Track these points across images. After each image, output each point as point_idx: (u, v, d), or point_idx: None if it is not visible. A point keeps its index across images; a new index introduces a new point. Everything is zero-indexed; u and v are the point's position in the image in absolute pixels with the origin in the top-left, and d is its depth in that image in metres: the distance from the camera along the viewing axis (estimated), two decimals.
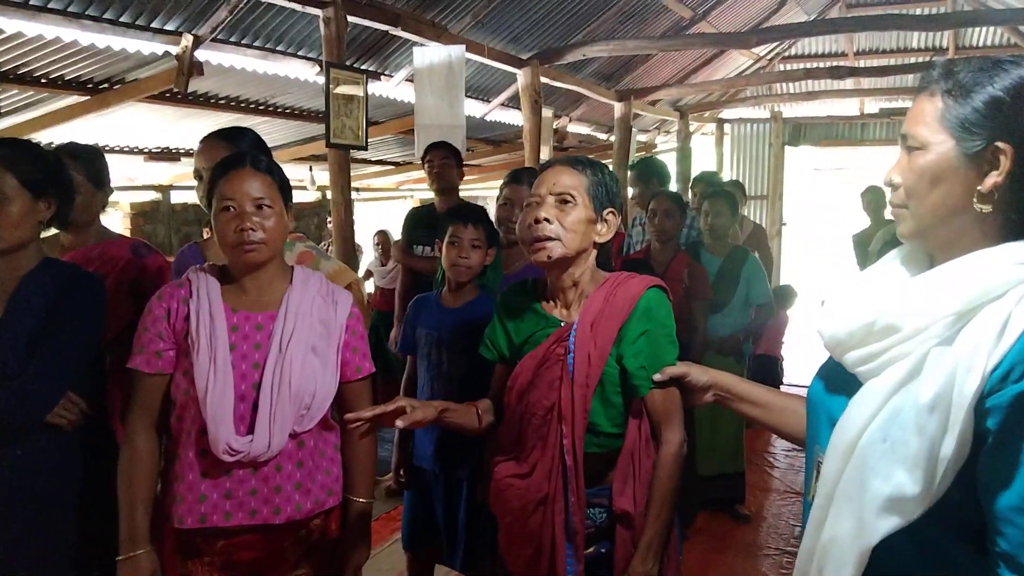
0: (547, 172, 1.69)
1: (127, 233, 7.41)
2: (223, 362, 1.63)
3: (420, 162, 4.01)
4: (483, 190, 10.98)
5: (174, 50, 4.24)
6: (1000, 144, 1.01)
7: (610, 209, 1.68)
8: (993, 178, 1.02)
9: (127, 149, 6.33)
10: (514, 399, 1.69)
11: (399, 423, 1.55)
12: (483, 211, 2.57)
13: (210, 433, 1.61)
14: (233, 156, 1.73)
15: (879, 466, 1.03)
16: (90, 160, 2.39)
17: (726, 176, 10.39)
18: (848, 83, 9.27)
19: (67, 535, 1.86)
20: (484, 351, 1.83)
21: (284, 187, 1.74)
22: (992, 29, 8.24)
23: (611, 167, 7.40)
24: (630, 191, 4.90)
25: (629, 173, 4.84)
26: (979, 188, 1.03)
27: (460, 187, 4.16)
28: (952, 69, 1.07)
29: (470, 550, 2.47)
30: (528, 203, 1.68)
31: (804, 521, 1.20)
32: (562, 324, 1.68)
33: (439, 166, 3.86)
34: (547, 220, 1.61)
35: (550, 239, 1.61)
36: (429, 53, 4.98)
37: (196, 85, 5.01)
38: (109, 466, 1.70)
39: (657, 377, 1.60)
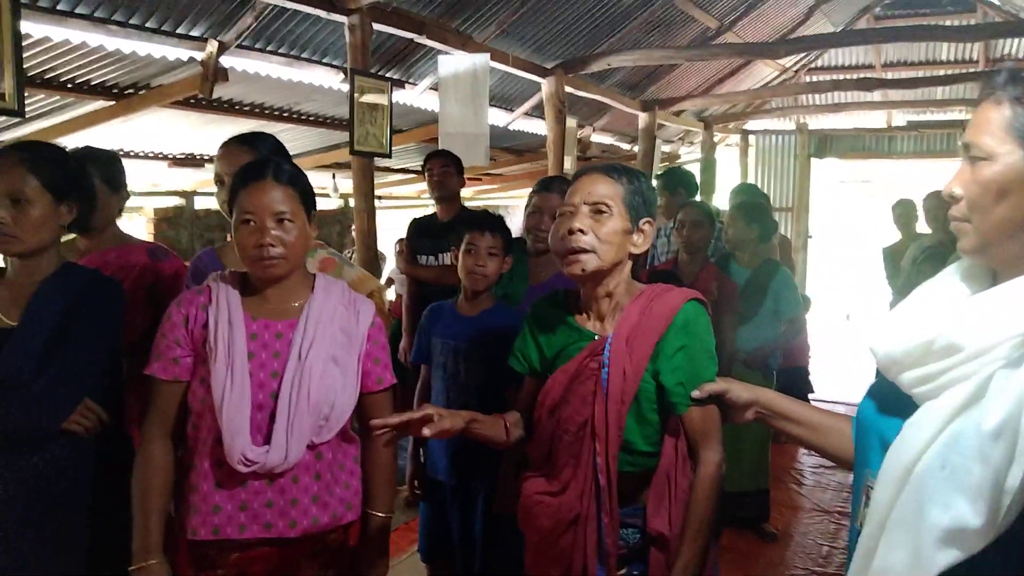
0: (581, 180, 1.62)
1: (151, 238, 7.46)
2: (241, 370, 1.59)
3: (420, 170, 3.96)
4: (506, 199, 10.95)
5: (199, 56, 4.24)
6: None
7: (647, 219, 1.62)
8: None
9: (151, 155, 6.35)
10: (545, 414, 1.63)
11: (426, 431, 1.47)
12: (500, 219, 2.53)
13: (225, 443, 1.57)
14: (255, 165, 1.68)
15: (937, 494, 0.96)
16: (106, 163, 2.37)
17: None
18: (875, 95, 9.17)
19: (82, 543, 1.83)
20: (514, 363, 1.77)
21: (307, 196, 1.69)
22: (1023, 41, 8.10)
23: None
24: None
25: (655, 183, 4.76)
26: None
27: (481, 196, 4.11)
28: (1020, 74, 1.01)
29: (487, 563, 2.42)
30: (562, 212, 1.62)
31: (851, 549, 1.13)
32: (596, 337, 1.62)
33: (439, 174, 3.78)
34: (581, 231, 1.55)
35: (584, 251, 1.55)
36: (454, 61, 4.96)
37: (221, 91, 5.01)
38: (125, 474, 1.67)
39: (696, 394, 1.53)
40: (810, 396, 5.41)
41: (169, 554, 1.63)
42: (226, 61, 4.35)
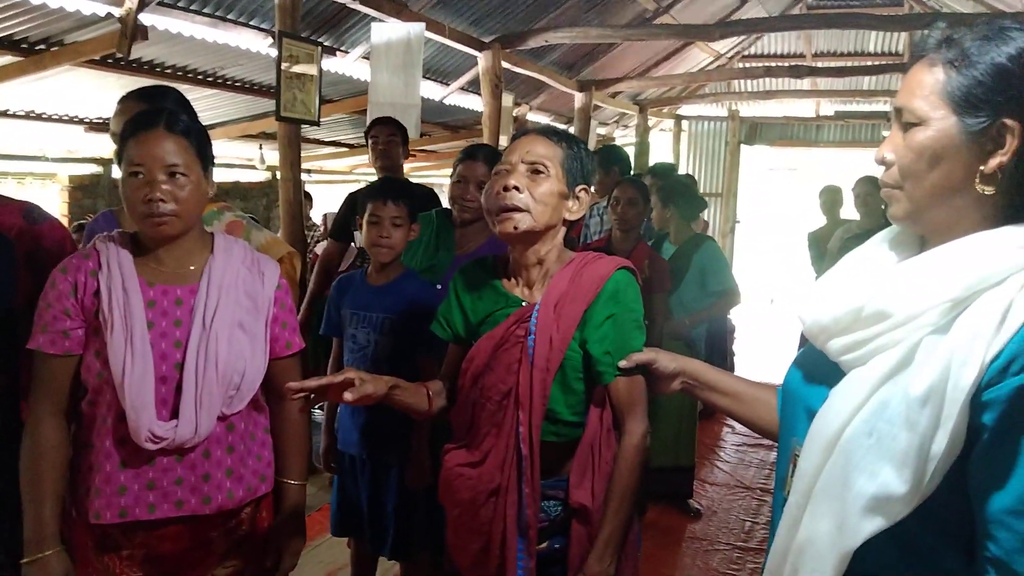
0: (520, 140, 1.58)
1: (66, 207, 7.09)
2: (141, 341, 1.47)
3: (363, 137, 3.81)
4: (440, 177, 10.82)
5: (117, 12, 4.00)
6: (1007, 121, 0.93)
7: (583, 186, 1.58)
8: (998, 157, 0.94)
9: (66, 118, 6.02)
10: (468, 382, 1.57)
11: (347, 396, 1.39)
12: (404, 186, 2.46)
13: (129, 420, 1.45)
14: (146, 113, 1.55)
15: (864, 463, 0.95)
16: None
17: (682, 172, 10.44)
18: (805, 84, 9.37)
19: None
20: (437, 329, 1.70)
21: (203, 149, 1.56)
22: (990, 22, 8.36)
23: None
24: None
25: None
26: (982, 168, 0.95)
27: (414, 173, 3.99)
28: (952, 37, 0.98)
29: (400, 539, 2.38)
30: (497, 171, 1.57)
31: (775, 519, 1.12)
32: (524, 304, 1.57)
33: (385, 143, 3.61)
34: (516, 189, 1.50)
35: (519, 209, 1.50)
36: (387, 29, 4.83)
37: (141, 52, 4.78)
38: (16, 453, 1.54)
39: (623, 364, 1.50)
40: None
41: (65, 540, 1.52)
42: (146, 19, 4.12)
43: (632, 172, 5.02)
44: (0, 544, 1.68)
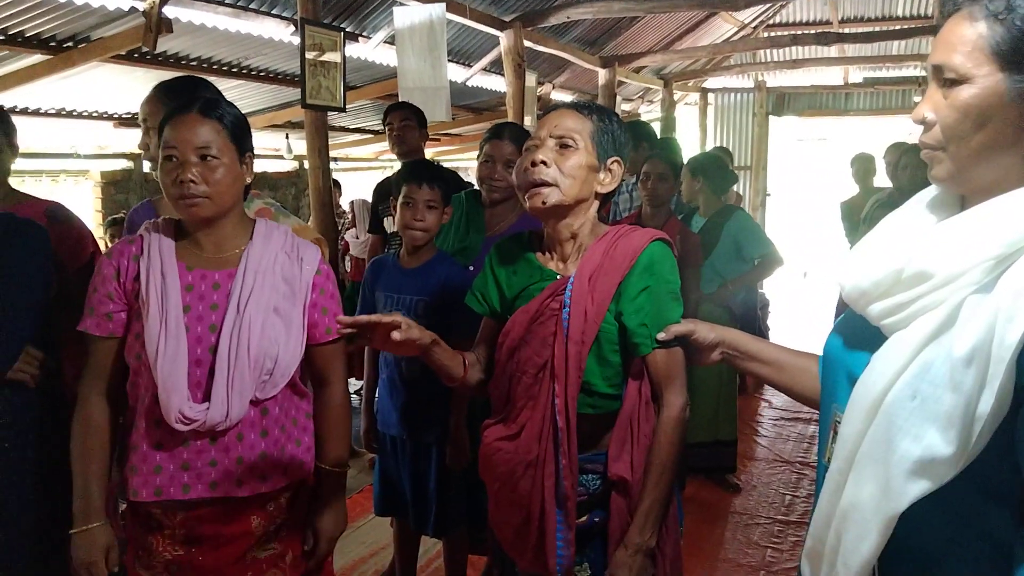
0: (550, 115, 1.58)
1: (99, 203, 7.20)
2: (175, 324, 1.50)
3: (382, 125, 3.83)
4: (464, 160, 10.81)
5: (141, 6, 4.04)
6: None
7: (615, 158, 1.57)
8: None
9: (95, 114, 6.11)
10: (504, 356, 1.58)
11: (395, 335, 1.39)
12: (438, 169, 2.47)
13: (161, 400, 1.48)
14: (184, 101, 1.58)
15: (908, 425, 0.93)
16: None
17: (710, 145, 10.34)
18: (832, 51, 9.19)
19: (29, 503, 1.78)
20: (472, 303, 1.71)
21: (239, 136, 1.58)
22: None
23: None
24: None
25: None
26: None
27: (439, 157, 4.00)
28: None
29: (442, 516, 2.41)
30: (527, 147, 1.57)
31: (818, 487, 1.11)
32: (558, 277, 1.57)
33: (399, 128, 3.62)
34: (544, 163, 1.50)
35: (547, 184, 1.50)
36: (410, 13, 4.81)
37: (166, 45, 4.83)
38: (64, 433, 1.60)
39: (661, 336, 1.49)
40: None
41: (113, 515, 1.57)
42: (170, 11, 4.15)
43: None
44: (52, 515, 1.76)
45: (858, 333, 1.07)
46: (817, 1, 9.24)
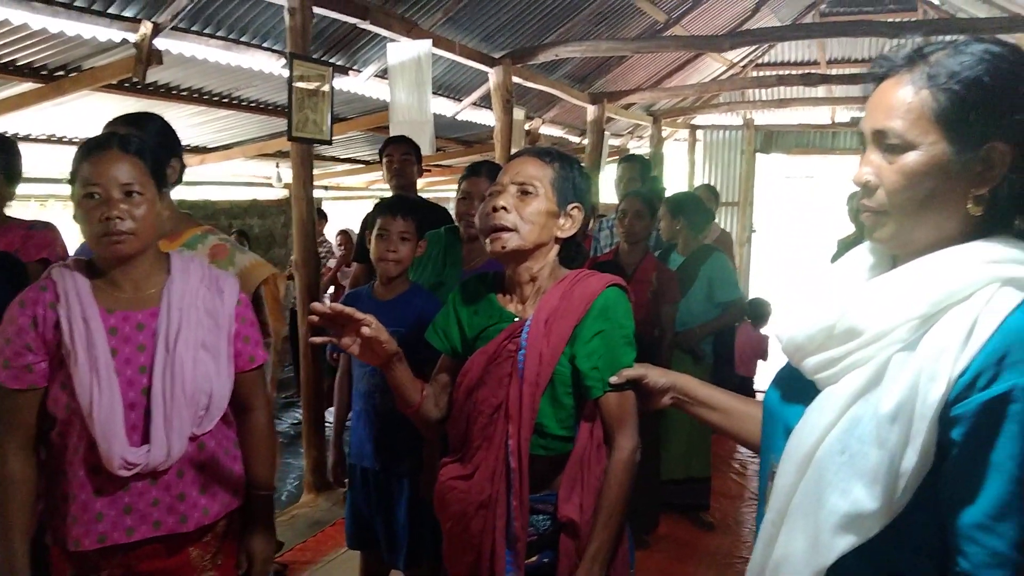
0: (513, 161, 1.64)
1: None
2: (106, 371, 1.49)
3: (379, 157, 3.88)
4: (454, 192, 10.87)
5: (132, 38, 4.10)
6: (998, 144, 0.93)
7: (575, 204, 1.61)
8: (990, 181, 0.94)
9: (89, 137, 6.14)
10: (462, 395, 1.61)
11: (365, 331, 1.44)
12: (413, 203, 2.51)
13: (101, 449, 1.48)
14: (100, 136, 1.58)
15: (836, 480, 0.96)
16: (7, 151, 2.25)
17: (698, 182, 10.43)
18: (819, 91, 9.31)
19: None
20: (433, 339, 1.73)
21: (157, 170, 1.58)
22: (959, 38, 8.31)
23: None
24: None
25: (623, 165, 4.73)
26: (974, 191, 0.95)
27: (429, 188, 4.05)
28: (925, 53, 0.98)
29: (413, 550, 2.41)
30: (490, 192, 1.62)
31: (757, 535, 1.13)
32: (516, 319, 1.61)
33: (399, 162, 3.69)
34: (504, 209, 1.55)
35: (507, 229, 1.55)
36: (402, 49, 4.89)
37: (156, 75, 4.88)
38: None
39: (613, 380, 1.52)
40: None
41: (40, 567, 1.55)
42: (161, 43, 4.22)
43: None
44: None
45: (795, 386, 1.10)
46: (805, 42, 9.41)
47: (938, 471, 0.91)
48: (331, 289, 6.75)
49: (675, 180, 9.87)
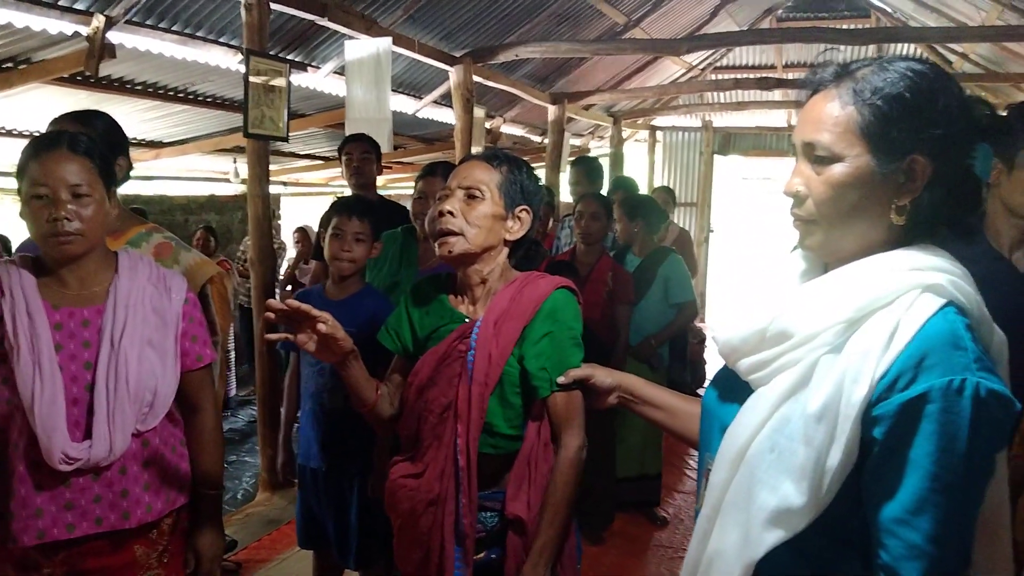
0: (461, 166, 1.66)
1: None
2: (49, 365, 1.50)
3: (337, 155, 3.87)
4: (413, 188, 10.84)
5: (84, 31, 4.03)
6: (918, 157, 0.98)
7: (523, 207, 1.64)
8: (911, 192, 0.99)
9: (37, 135, 6.01)
10: (413, 395, 1.63)
11: (321, 327, 1.46)
12: (369, 204, 2.51)
13: (41, 443, 1.47)
14: (48, 135, 1.57)
15: (766, 476, 1.00)
16: None
17: (657, 182, 10.56)
18: (776, 95, 9.49)
19: None
20: (385, 339, 1.75)
21: (106, 171, 1.58)
22: (913, 47, 8.54)
23: (545, 170, 7.29)
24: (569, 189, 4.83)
25: (573, 169, 4.78)
26: (896, 202, 1.00)
27: (390, 184, 4.04)
28: (852, 70, 1.03)
29: (364, 549, 2.42)
30: (439, 196, 1.64)
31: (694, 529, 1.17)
32: (467, 320, 1.63)
33: (359, 160, 3.67)
34: (451, 213, 1.57)
35: (453, 233, 1.57)
36: (361, 46, 4.87)
37: (110, 69, 4.80)
38: None
39: (561, 380, 1.55)
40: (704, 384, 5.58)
41: None
42: (114, 37, 4.14)
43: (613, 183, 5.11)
44: None
45: (731, 386, 1.14)
46: (762, 46, 9.56)
47: (861, 468, 0.95)
48: (289, 287, 6.70)
49: (636, 181, 9.95)
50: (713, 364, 6.16)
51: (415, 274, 2.79)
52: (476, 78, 6.22)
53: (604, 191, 4.66)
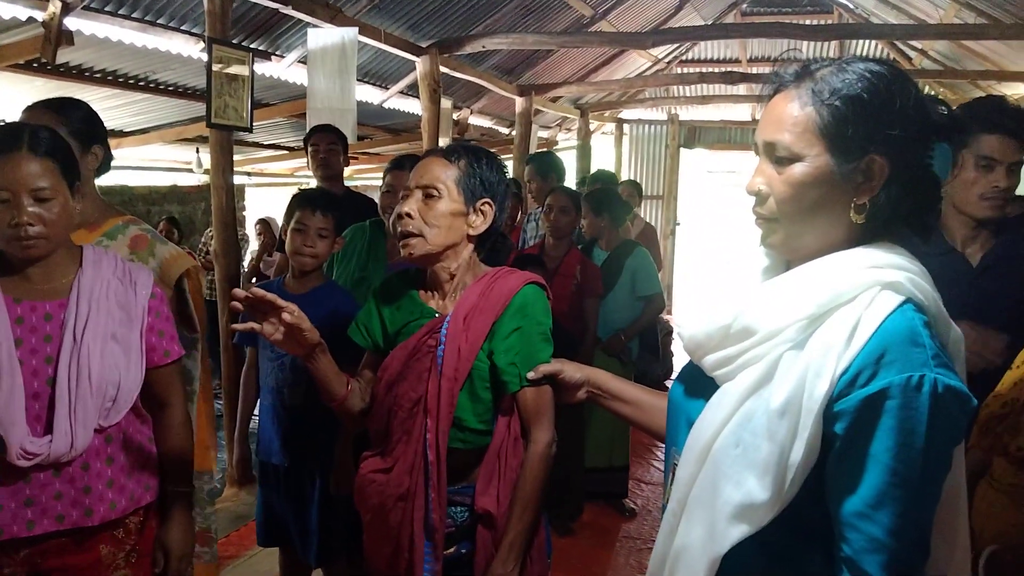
0: (420, 163, 1.65)
1: None
2: (8, 359, 1.47)
3: (303, 145, 3.82)
4: (380, 180, 10.77)
5: (40, 16, 3.92)
6: (876, 156, 0.99)
7: (485, 200, 1.62)
8: (869, 191, 1.01)
9: None
10: (383, 390, 1.62)
11: (287, 317, 1.45)
12: (332, 199, 2.48)
13: None
14: (8, 132, 1.52)
15: (731, 472, 1.01)
16: None
17: (624, 175, 10.60)
18: (741, 89, 9.58)
19: None
20: (356, 336, 1.74)
21: (69, 169, 1.55)
22: (874, 43, 8.68)
23: (512, 162, 7.27)
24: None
25: (527, 167, 4.80)
26: (855, 200, 1.01)
27: (356, 175, 4.00)
28: (812, 70, 1.04)
29: (324, 545, 2.40)
30: (401, 195, 1.64)
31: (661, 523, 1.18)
32: (437, 315, 1.63)
33: (325, 151, 3.62)
34: (409, 215, 1.57)
35: (413, 235, 1.57)
36: (323, 35, 4.82)
37: (68, 56, 4.68)
38: None
39: (531, 375, 1.56)
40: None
41: None
42: (72, 23, 4.04)
43: (580, 175, 5.11)
44: None
45: (696, 382, 1.15)
46: (728, 40, 9.65)
47: (824, 463, 0.97)
48: (253, 279, 6.62)
49: (614, 174, 10.00)
50: (680, 357, 6.28)
51: (384, 268, 2.77)
52: (443, 69, 6.18)
53: (567, 184, 4.66)
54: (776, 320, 1.01)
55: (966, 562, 1.10)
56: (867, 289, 0.98)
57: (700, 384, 1.13)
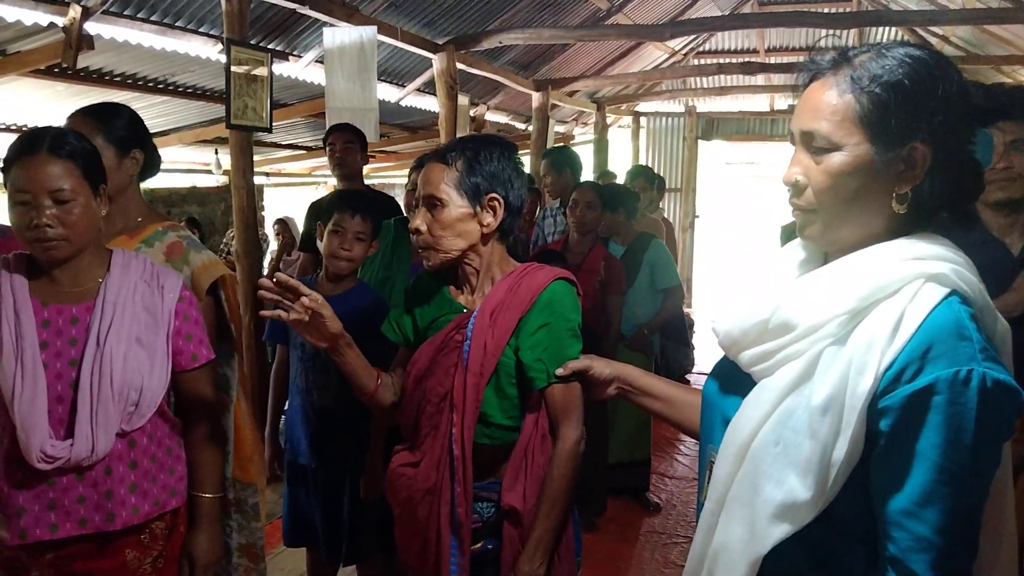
0: (421, 172, 1.63)
1: None
2: (32, 361, 1.47)
3: (322, 145, 3.82)
4: (399, 178, 10.80)
5: (60, 21, 3.94)
6: (918, 145, 0.96)
7: (492, 195, 1.58)
8: (911, 180, 0.98)
9: (13, 127, 5.92)
10: (411, 385, 1.63)
11: (305, 300, 1.45)
12: (371, 202, 2.47)
13: (20, 440, 1.45)
14: (30, 136, 1.52)
15: (771, 470, 0.99)
16: None
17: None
18: (759, 79, 9.48)
19: None
20: (388, 331, 1.75)
21: (91, 170, 1.54)
22: (893, 30, 8.56)
23: (530, 157, 7.25)
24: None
25: (542, 162, 4.78)
26: (896, 190, 0.99)
27: (375, 174, 4.00)
28: (850, 57, 1.01)
29: (354, 544, 2.40)
30: (414, 204, 1.66)
31: (698, 523, 1.16)
32: (465, 310, 1.63)
33: (341, 150, 3.61)
34: (418, 231, 1.58)
35: (427, 247, 1.58)
36: (340, 34, 4.82)
37: (88, 60, 4.72)
38: None
39: (559, 372, 1.54)
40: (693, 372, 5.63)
41: None
42: (92, 28, 4.07)
43: (598, 171, 5.08)
44: None
45: (732, 378, 1.13)
46: (745, 30, 9.55)
47: (867, 461, 0.95)
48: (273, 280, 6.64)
49: (620, 166, 9.96)
50: (701, 348, 6.25)
51: (408, 268, 2.77)
52: (459, 65, 6.17)
53: (582, 179, 4.63)
54: (816, 315, 0.98)
55: (1013, 560, 1.07)
56: (910, 282, 0.95)
57: (736, 380, 1.11)
